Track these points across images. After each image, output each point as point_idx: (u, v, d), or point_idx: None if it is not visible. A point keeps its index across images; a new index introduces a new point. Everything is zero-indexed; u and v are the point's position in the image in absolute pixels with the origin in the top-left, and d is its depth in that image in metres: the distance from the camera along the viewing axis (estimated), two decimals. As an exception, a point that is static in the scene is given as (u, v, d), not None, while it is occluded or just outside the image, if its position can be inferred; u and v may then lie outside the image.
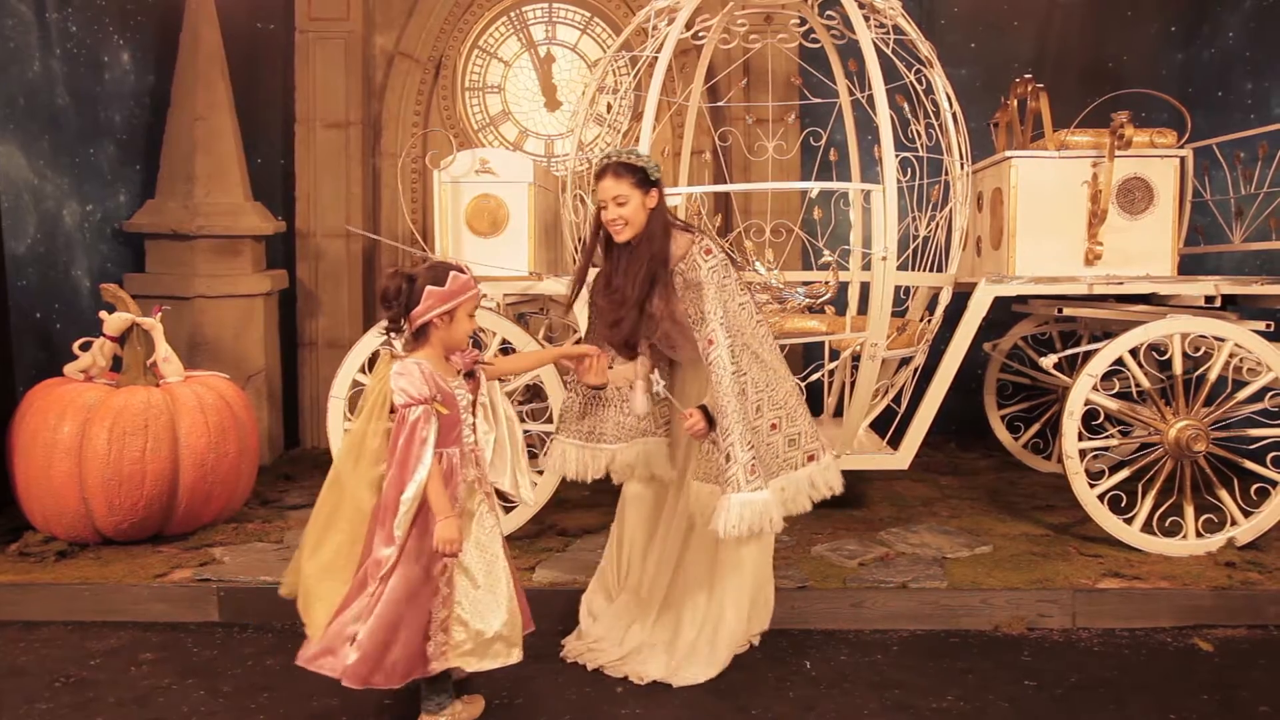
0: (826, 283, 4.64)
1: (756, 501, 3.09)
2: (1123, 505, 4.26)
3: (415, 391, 2.78)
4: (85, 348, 4.54)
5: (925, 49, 4.60)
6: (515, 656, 2.95)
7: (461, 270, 2.91)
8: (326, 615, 2.86)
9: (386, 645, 2.80)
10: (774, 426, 3.25)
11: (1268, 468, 4.20)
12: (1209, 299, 4.45)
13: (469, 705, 3.05)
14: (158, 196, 5.68)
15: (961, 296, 4.66)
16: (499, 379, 3.17)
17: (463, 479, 2.91)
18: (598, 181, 3.26)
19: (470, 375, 2.99)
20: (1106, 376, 4.33)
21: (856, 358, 4.42)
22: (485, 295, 4.54)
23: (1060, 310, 4.94)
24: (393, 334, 2.93)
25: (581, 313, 4.51)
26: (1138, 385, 4.27)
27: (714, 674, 3.31)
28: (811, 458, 3.31)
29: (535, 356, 3.76)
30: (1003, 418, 5.85)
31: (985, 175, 5.02)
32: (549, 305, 5.28)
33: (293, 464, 5.84)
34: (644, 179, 3.22)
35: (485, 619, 2.89)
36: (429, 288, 2.83)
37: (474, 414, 3.00)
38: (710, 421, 3.18)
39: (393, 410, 2.86)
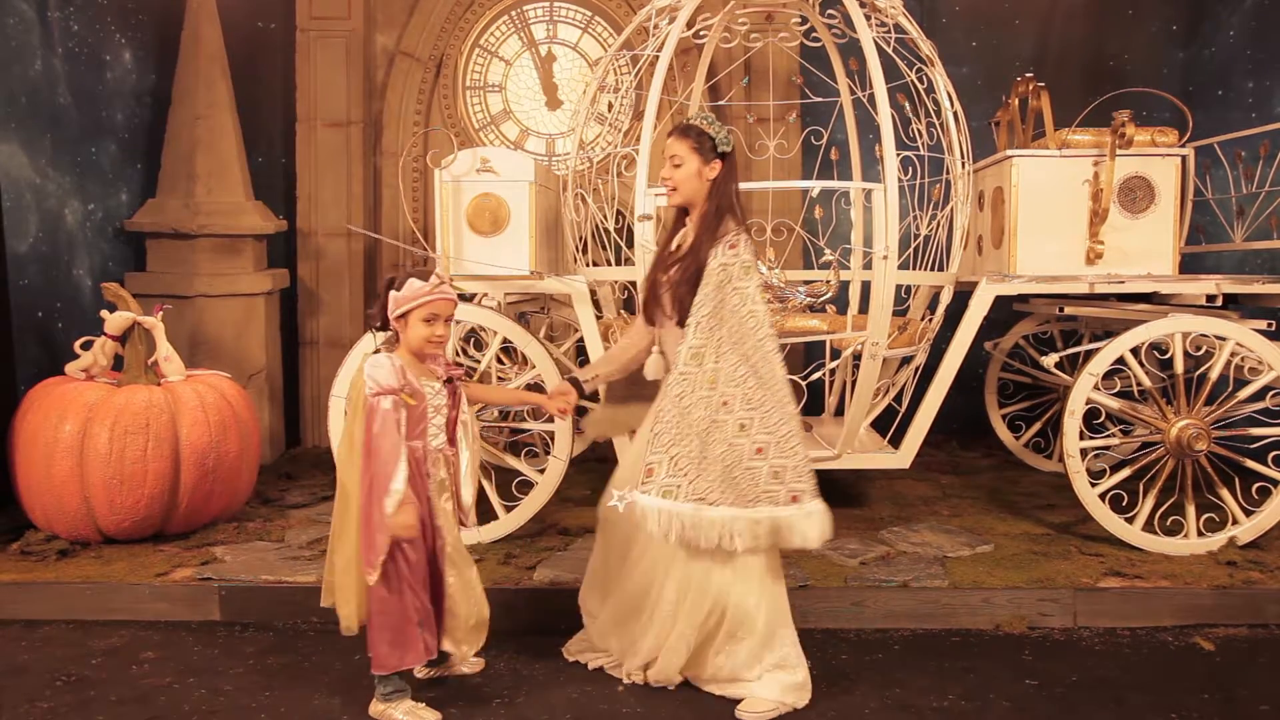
0: (828, 281, 4.63)
1: (649, 507, 2.96)
2: (1124, 504, 4.26)
3: (384, 381, 2.90)
4: (87, 347, 4.55)
5: (926, 47, 4.60)
6: (482, 640, 3.16)
7: (425, 278, 3.00)
8: (356, 610, 3.00)
9: (395, 629, 2.94)
10: (760, 451, 3.01)
11: (1269, 467, 4.20)
12: (1210, 298, 4.45)
13: (430, 712, 3.03)
14: (159, 195, 5.69)
15: (963, 295, 4.65)
16: (477, 404, 3.20)
17: (431, 475, 3.03)
18: (668, 138, 3.24)
19: (450, 383, 3.09)
20: (1108, 375, 4.33)
21: (858, 357, 4.41)
22: (485, 294, 4.57)
23: (1061, 309, 4.94)
24: (380, 330, 3.07)
25: (586, 309, 4.52)
26: (1139, 384, 4.27)
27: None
28: (795, 499, 3.04)
29: (511, 395, 3.76)
30: (1004, 417, 5.85)
31: (986, 174, 5.02)
32: (550, 304, 5.28)
33: (294, 463, 5.84)
34: (706, 146, 3.10)
35: (472, 604, 3.10)
36: (390, 292, 3.01)
37: (452, 424, 3.10)
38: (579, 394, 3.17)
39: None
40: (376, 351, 3.04)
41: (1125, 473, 4.28)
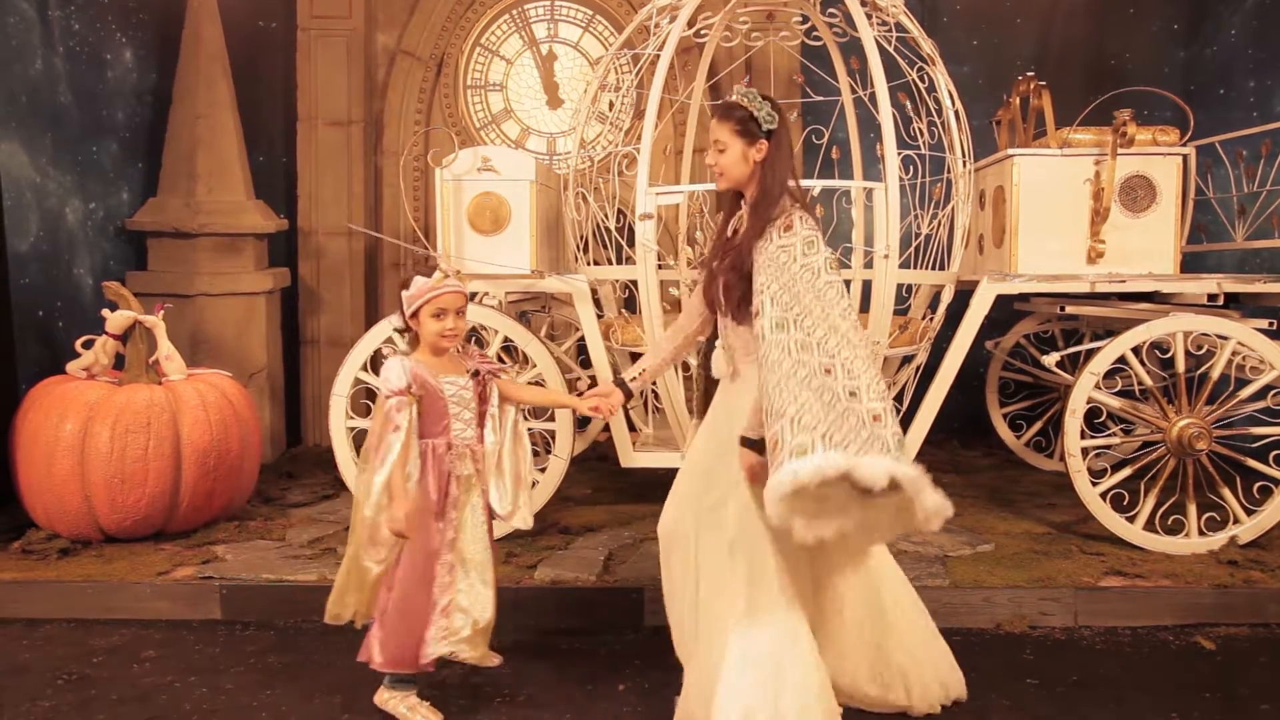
0: (828, 281, 4.62)
1: (783, 474, 2.54)
2: (1125, 503, 4.26)
3: (393, 383, 2.95)
4: (88, 345, 4.55)
5: (927, 46, 4.60)
6: (496, 659, 3.13)
7: (428, 275, 3.03)
8: (355, 603, 3.08)
9: (398, 630, 2.97)
10: (877, 418, 2.65)
11: (1270, 466, 4.20)
12: (1211, 297, 4.45)
13: (432, 712, 3.03)
14: (160, 194, 5.69)
15: (964, 295, 4.65)
16: (510, 403, 3.19)
17: (454, 471, 3.04)
18: (711, 119, 3.08)
19: (476, 375, 3.10)
20: (1109, 375, 4.33)
21: (858, 356, 4.40)
22: (486, 293, 4.56)
23: (1062, 308, 4.94)
24: (404, 332, 3.12)
25: (587, 308, 4.52)
26: (1140, 383, 4.27)
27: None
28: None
29: (548, 396, 3.75)
30: (1005, 416, 5.84)
31: (987, 173, 5.01)
32: (551, 303, 5.28)
33: (295, 462, 5.84)
34: (751, 127, 2.93)
35: (481, 608, 3.05)
36: (402, 293, 3.05)
37: (481, 416, 3.11)
38: (758, 448, 2.79)
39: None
40: (395, 351, 3.10)
41: (1126, 472, 4.28)
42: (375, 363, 4.41)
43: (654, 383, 4.24)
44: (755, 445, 2.83)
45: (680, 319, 3.28)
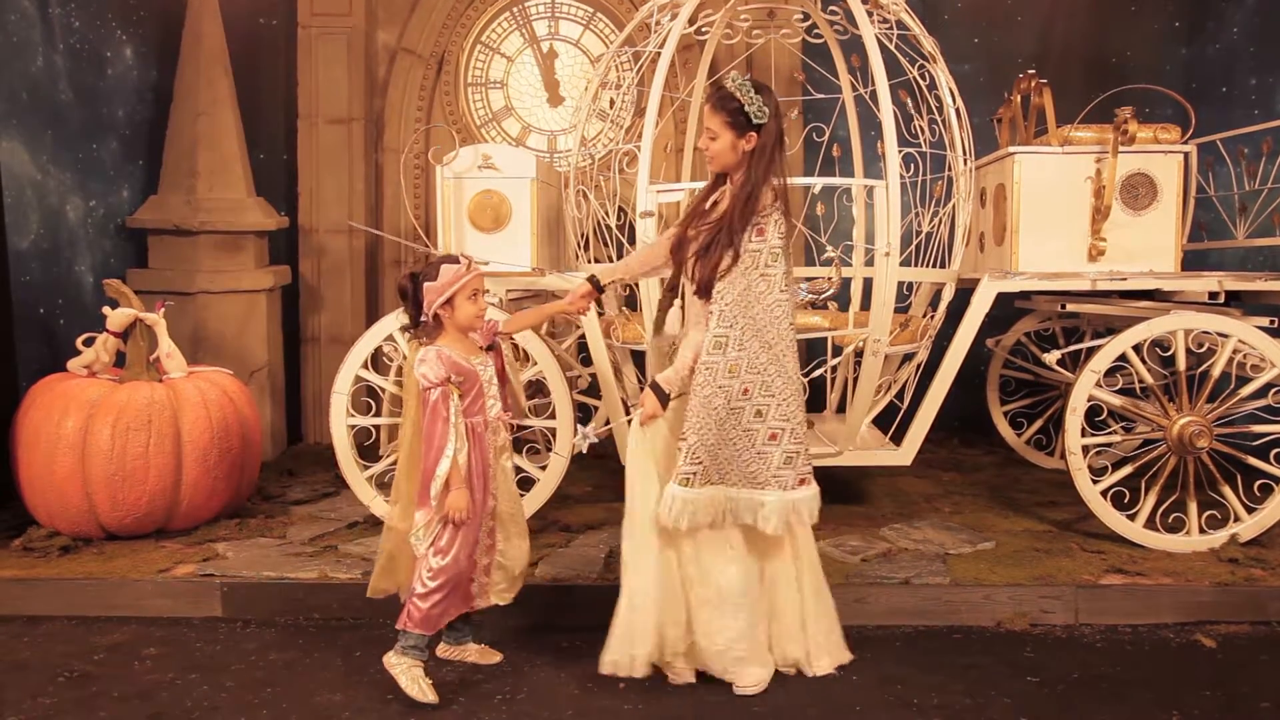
0: (829, 279, 4.63)
1: (664, 495, 3.10)
2: (1126, 501, 4.26)
3: (433, 375, 3.10)
4: (88, 343, 4.55)
5: (928, 44, 4.59)
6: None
7: (456, 260, 3.19)
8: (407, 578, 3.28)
9: (440, 593, 3.14)
10: (774, 437, 3.12)
11: (1271, 464, 4.20)
12: (1212, 295, 4.45)
13: (431, 690, 3.11)
14: (160, 192, 5.69)
15: (964, 292, 4.65)
16: (511, 337, 3.50)
17: (491, 444, 3.24)
18: (704, 104, 3.20)
19: (492, 348, 3.31)
20: (1110, 372, 4.33)
21: (859, 354, 4.41)
22: (487, 291, 4.56)
23: (1063, 306, 4.93)
24: (411, 328, 3.26)
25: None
26: (1141, 381, 4.27)
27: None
28: (803, 481, 3.17)
29: (540, 311, 3.78)
30: (1005, 414, 5.84)
31: (988, 171, 5.01)
32: (551, 300, 5.27)
33: (296, 459, 5.84)
34: (740, 120, 3.01)
35: (517, 560, 3.35)
36: (426, 284, 3.17)
37: (503, 378, 3.33)
38: (662, 398, 3.16)
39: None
40: (422, 342, 3.22)
41: (1127, 470, 4.28)
42: (376, 360, 4.41)
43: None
44: (661, 395, 3.18)
45: (653, 251, 3.46)
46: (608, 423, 3.48)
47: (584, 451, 3.39)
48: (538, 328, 4.15)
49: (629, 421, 3.31)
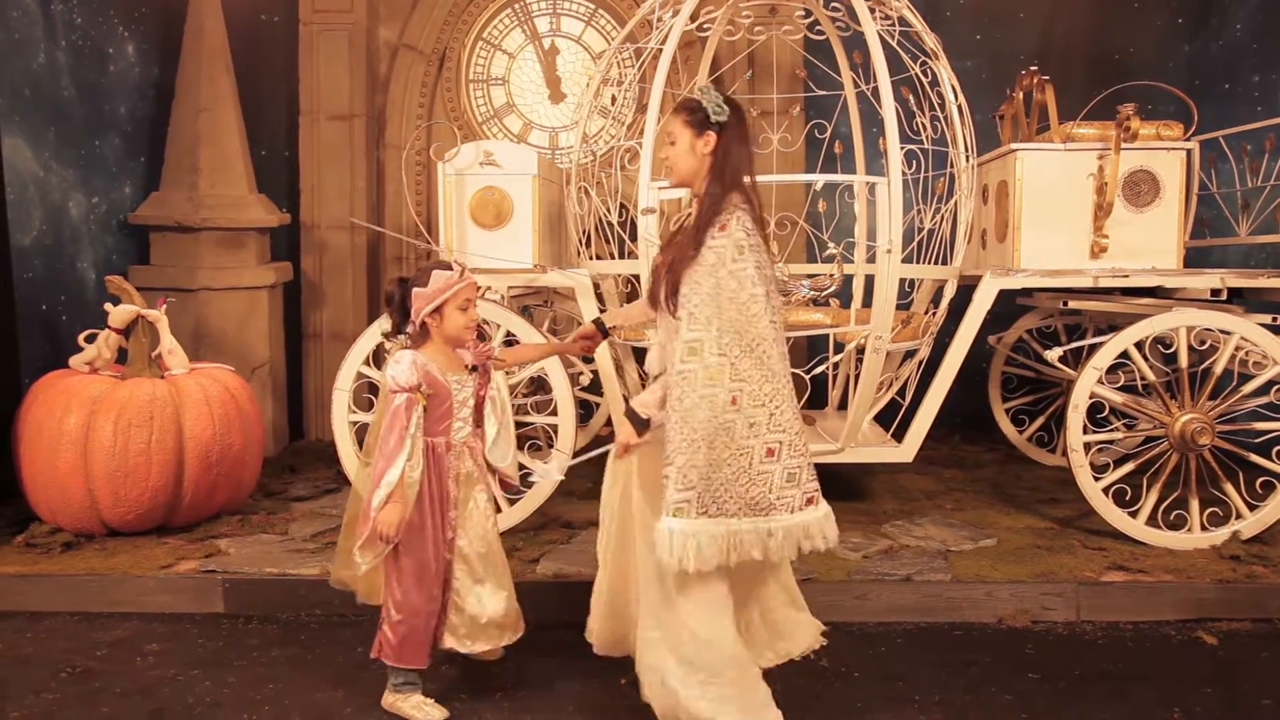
0: (831, 275, 4.62)
1: (659, 530, 2.70)
2: (1127, 498, 4.26)
3: (403, 380, 2.91)
4: (90, 340, 4.55)
5: (931, 41, 4.59)
6: (508, 639, 3.18)
7: (449, 268, 3.01)
8: (365, 588, 3.12)
9: (403, 628, 2.99)
10: (771, 453, 2.74)
11: (1273, 461, 4.19)
12: (1215, 292, 4.44)
13: (435, 708, 3.04)
14: (162, 189, 5.69)
15: (966, 289, 4.65)
16: (506, 370, 3.20)
17: (452, 471, 3.05)
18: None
19: (474, 370, 3.10)
20: (1112, 370, 4.33)
21: (861, 351, 4.41)
22: (489, 288, 4.56)
23: (1065, 303, 4.93)
24: (397, 335, 3.07)
25: (589, 302, 4.52)
26: (1143, 378, 4.26)
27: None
28: (810, 501, 2.79)
29: (541, 349, 3.79)
30: (1007, 411, 5.84)
31: (991, 168, 5.00)
32: (553, 297, 5.28)
33: (297, 456, 5.85)
34: (698, 118, 2.84)
35: (481, 604, 3.09)
36: (415, 290, 2.97)
37: (480, 404, 3.12)
38: (639, 425, 2.87)
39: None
40: (405, 347, 3.05)
41: (1129, 467, 4.28)
42: (377, 357, 4.41)
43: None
44: (639, 422, 2.89)
45: (641, 302, 3.30)
46: (587, 448, 3.32)
47: (560, 477, 3.26)
48: (535, 358, 3.93)
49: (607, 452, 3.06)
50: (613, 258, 4.81)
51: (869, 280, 4.43)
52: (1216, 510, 4.24)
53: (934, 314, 4.63)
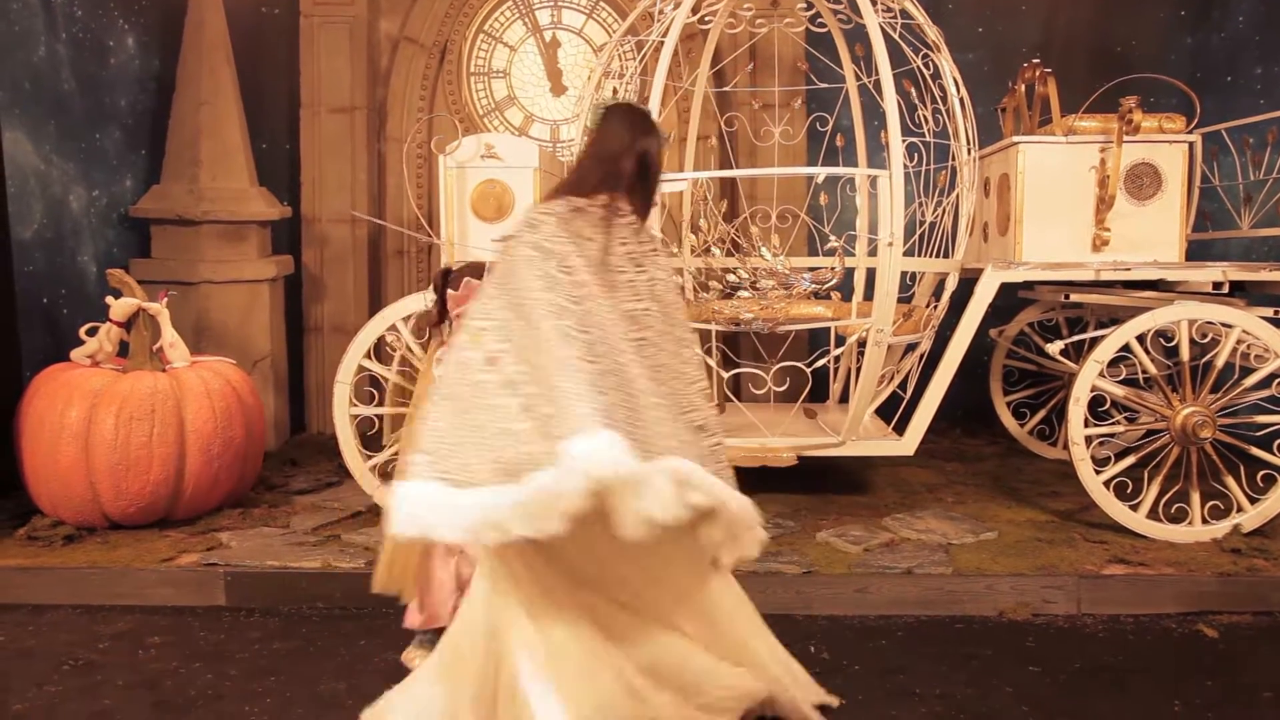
0: (832, 268, 4.63)
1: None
2: (1128, 492, 4.26)
3: None
4: (92, 333, 4.55)
5: (933, 33, 4.58)
6: None
7: (480, 277, 3.20)
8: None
9: (435, 588, 3.16)
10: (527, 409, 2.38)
11: (1274, 454, 4.19)
12: (1217, 285, 4.44)
13: None
14: (163, 182, 5.68)
15: (968, 282, 4.64)
16: None
17: None
18: None
19: None
20: (1113, 363, 4.32)
21: (862, 344, 4.41)
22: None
23: (1067, 296, 4.93)
24: (433, 324, 3.37)
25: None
26: (1144, 371, 4.26)
27: None
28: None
29: None
30: (1008, 404, 5.84)
31: (992, 160, 5.00)
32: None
33: (299, 449, 5.85)
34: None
35: None
36: (448, 290, 3.29)
37: None
38: None
39: None
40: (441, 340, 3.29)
41: (1130, 460, 4.28)
42: (379, 350, 4.42)
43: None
44: None
45: None
46: None
47: None
48: None
49: None
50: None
51: (870, 273, 4.43)
52: (1218, 503, 4.24)
53: (935, 307, 4.62)
